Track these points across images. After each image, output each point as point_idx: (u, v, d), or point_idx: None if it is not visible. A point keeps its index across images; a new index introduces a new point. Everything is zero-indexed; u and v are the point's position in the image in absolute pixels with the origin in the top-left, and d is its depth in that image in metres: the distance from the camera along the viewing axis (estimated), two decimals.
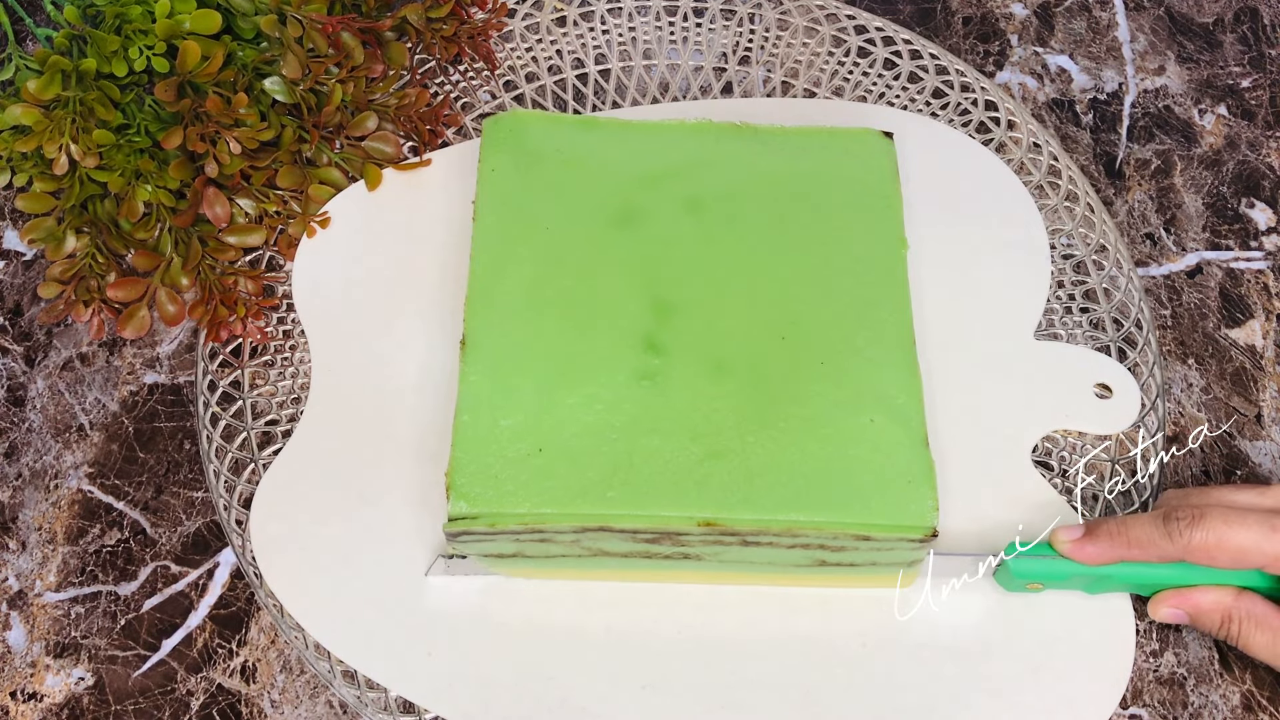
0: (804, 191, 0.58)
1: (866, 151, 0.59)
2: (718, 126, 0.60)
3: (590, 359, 0.52)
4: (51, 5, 0.62)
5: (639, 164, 0.58)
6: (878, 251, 0.56)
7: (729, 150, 0.59)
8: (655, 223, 0.56)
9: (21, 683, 0.54)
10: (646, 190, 0.57)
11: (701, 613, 0.54)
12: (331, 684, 0.53)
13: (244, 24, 0.61)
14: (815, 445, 0.51)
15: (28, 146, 0.57)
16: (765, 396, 0.52)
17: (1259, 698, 0.54)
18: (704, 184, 0.57)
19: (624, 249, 0.55)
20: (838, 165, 0.59)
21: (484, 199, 0.56)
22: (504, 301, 0.53)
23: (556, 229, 0.56)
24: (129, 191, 0.59)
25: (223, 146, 0.58)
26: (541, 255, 0.55)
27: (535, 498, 0.49)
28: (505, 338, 0.53)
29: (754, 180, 0.58)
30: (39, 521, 0.58)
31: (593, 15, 0.72)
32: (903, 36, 0.71)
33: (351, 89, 0.62)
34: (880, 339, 0.53)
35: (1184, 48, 0.73)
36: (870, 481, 0.50)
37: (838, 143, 0.60)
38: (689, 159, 0.58)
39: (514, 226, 0.56)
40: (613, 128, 0.59)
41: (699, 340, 0.53)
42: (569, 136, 0.59)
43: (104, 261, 0.60)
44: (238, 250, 0.61)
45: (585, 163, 0.58)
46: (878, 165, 0.59)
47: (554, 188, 0.57)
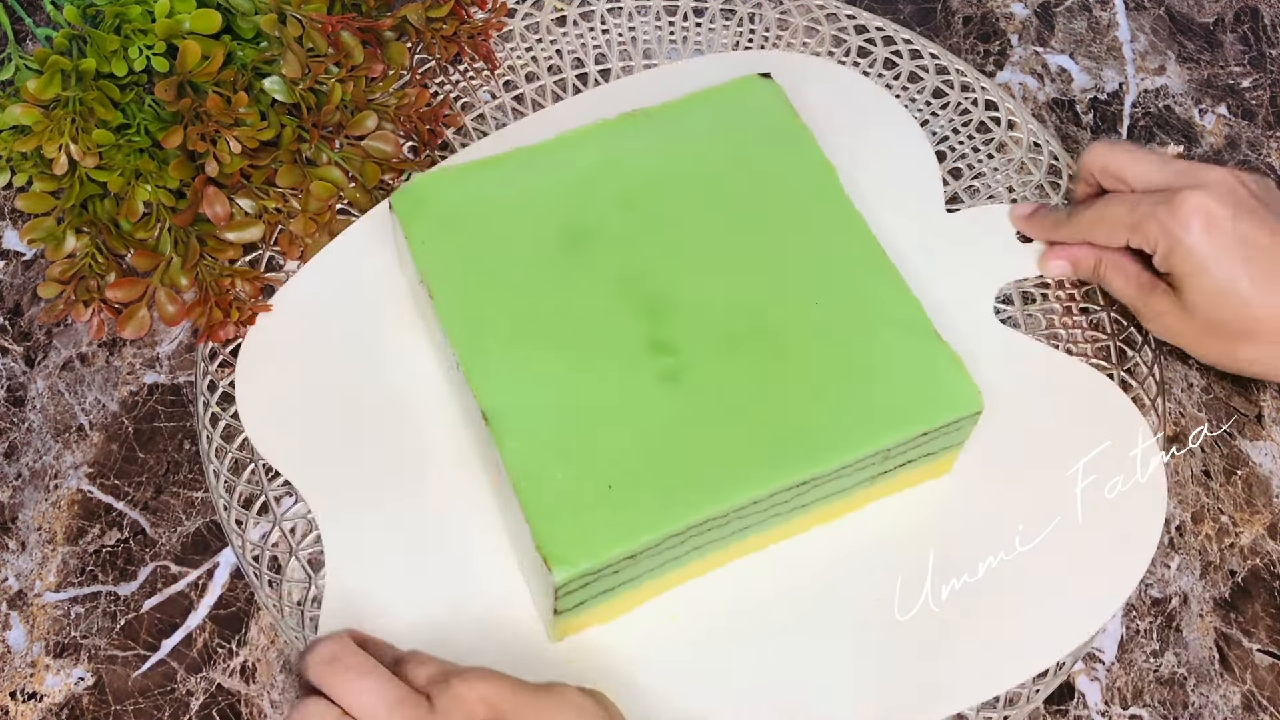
0: (718, 154, 0.59)
1: (755, 97, 0.61)
2: (612, 123, 0.60)
3: (609, 383, 0.52)
4: (51, 5, 0.62)
5: (559, 184, 0.58)
6: (811, 184, 0.58)
7: (634, 140, 0.59)
8: (602, 232, 0.56)
9: (21, 683, 0.54)
10: (578, 205, 0.57)
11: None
12: None
13: (243, 23, 0.61)
14: (848, 380, 0.53)
15: (27, 146, 0.57)
16: (782, 353, 0.53)
17: (1259, 698, 0.54)
18: (628, 180, 0.58)
19: (587, 266, 0.55)
20: (736, 119, 0.60)
21: (431, 272, 0.55)
22: (502, 361, 0.53)
23: (514, 273, 0.55)
24: (129, 191, 0.59)
25: (223, 146, 0.58)
26: (512, 305, 0.54)
27: (626, 531, 0.49)
28: (521, 396, 0.52)
29: (671, 160, 0.59)
30: (39, 521, 0.58)
31: (593, 15, 0.72)
32: (903, 36, 0.71)
33: (351, 89, 0.62)
34: (853, 261, 0.56)
35: (1184, 47, 0.73)
36: (910, 390, 0.52)
37: (725, 99, 0.61)
38: (602, 162, 0.59)
39: (473, 287, 0.55)
40: (517, 160, 0.59)
41: (700, 324, 0.54)
42: (477, 183, 0.58)
43: (104, 261, 0.60)
44: (237, 249, 0.61)
45: (507, 201, 0.57)
46: (772, 107, 0.61)
47: (491, 235, 0.56)
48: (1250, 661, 0.55)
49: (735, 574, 0.54)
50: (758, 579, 0.54)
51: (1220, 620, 0.56)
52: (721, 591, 0.54)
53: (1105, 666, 0.55)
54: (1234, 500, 0.59)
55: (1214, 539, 0.58)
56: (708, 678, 0.52)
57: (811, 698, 0.52)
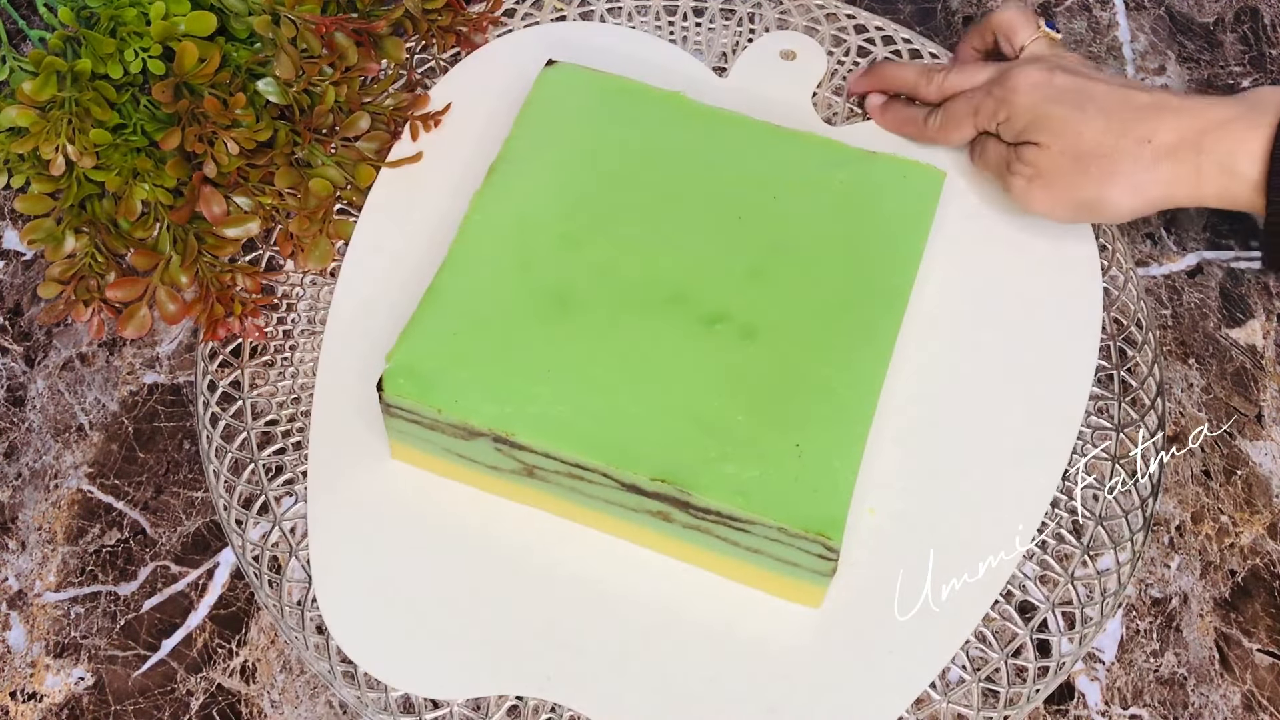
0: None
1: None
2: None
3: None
4: (45, 7, 0.62)
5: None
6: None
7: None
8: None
9: (21, 683, 0.54)
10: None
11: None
12: (332, 684, 0.53)
13: (238, 24, 0.61)
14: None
15: (24, 148, 0.57)
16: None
17: (1259, 698, 0.54)
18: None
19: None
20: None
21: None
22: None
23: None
24: (127, 191, 0.59)
25: (220, 147, 0.58)
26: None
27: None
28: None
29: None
30: (39, 521, 0.58)
31: (592, 15, 0.72)
32: (902, 35, 0.71)
33: (345, 90, 0.62)
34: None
35: (1184, 47, 0.73)
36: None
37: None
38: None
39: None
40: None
41: (698, 300, 0.56)
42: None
43: (104, 261, 0.60)
44: (236, 245, 0.61)
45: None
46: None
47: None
48: (1250, 661, 0.55)
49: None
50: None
51: (1220, 620, 0.56)
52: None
53: (1105, 666, 0.55)
54: (1234, 500, 0.59)
55: (1214, 539, 0.58)
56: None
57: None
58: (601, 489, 0.53)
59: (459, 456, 0.55)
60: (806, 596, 0.54)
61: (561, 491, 0.54)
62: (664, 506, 0.52)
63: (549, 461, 0.53)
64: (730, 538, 0.52)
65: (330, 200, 0.62)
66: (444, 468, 0.56)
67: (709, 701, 0.52)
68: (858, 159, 0.61)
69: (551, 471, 0.53)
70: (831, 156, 0.61)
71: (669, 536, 0.54)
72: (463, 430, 0.53)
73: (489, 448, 0.53)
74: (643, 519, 0.54)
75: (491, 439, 0.53)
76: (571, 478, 0.53)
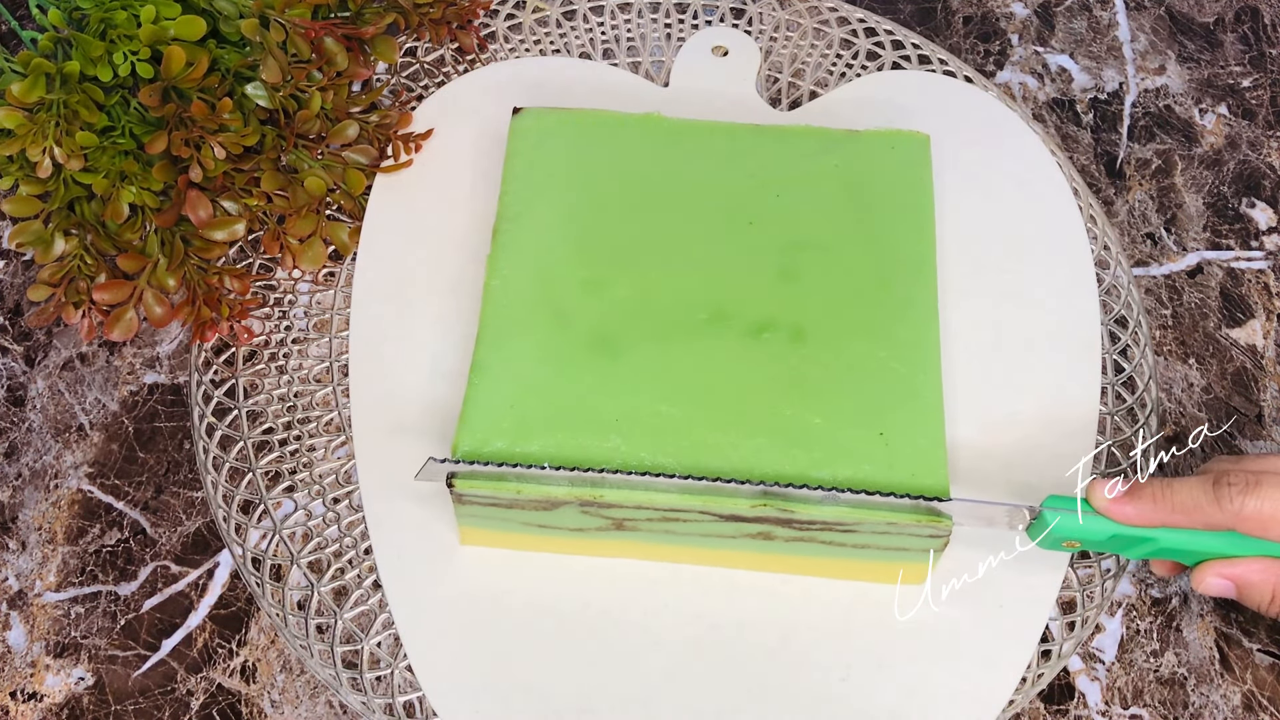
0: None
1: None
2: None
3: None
4: (36, 9, 0.61)
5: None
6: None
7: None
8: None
9: (21, 683, 0.54)
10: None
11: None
12: (332, 685, 0.53)
13: (227, 28, 0.61)
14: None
15: (11, 150, 0.57)
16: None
17: (1259, 698, 0.54)
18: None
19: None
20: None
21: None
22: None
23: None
24: (113, 193, 0.59)
25: (207, 152, 0.58)
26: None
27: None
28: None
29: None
30: (39, 521, 0.58)
31: (574, 15, 0.72)
32: (911, 40, 0.71)
33: (332, 97, 0.61)
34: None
35: (1185, 47, 0.73)
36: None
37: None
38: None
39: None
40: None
41: (735, 316, 0.55)
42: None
43: (93, 263, 0.59)
44: (223, 248, 0.61)
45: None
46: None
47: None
48: (1250, 661, 0.55)
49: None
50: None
51: (1220, 620, 0.56)
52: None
53: (1105, 666, 0.55)
54: None
55: None
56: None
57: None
58: (698, 525, 0.52)
59: (539, 528, 0.53)
60: (912, 575, 0.54)
61: (654, 537, 0.53)
62: (766, 528, 0.51)
63: (641, 511, 0.51)
64: (836, 540, 0.51)
65: (321, 199, 0.62)
66: (522, 541, 0.54)
67: (841, 701, 0.52)
68: (845, 140, 0.61)
69: (643, 520, 0.52)
70: (819, 143, 0.61)
71: (771, 554, 0.53)
72: (545, 503, 0.51)
73: (574, 512, 0.52)
74: (742, 543, 0.53)
75: (578, 505, 0.51)
76: (665, 520, 0.52)
